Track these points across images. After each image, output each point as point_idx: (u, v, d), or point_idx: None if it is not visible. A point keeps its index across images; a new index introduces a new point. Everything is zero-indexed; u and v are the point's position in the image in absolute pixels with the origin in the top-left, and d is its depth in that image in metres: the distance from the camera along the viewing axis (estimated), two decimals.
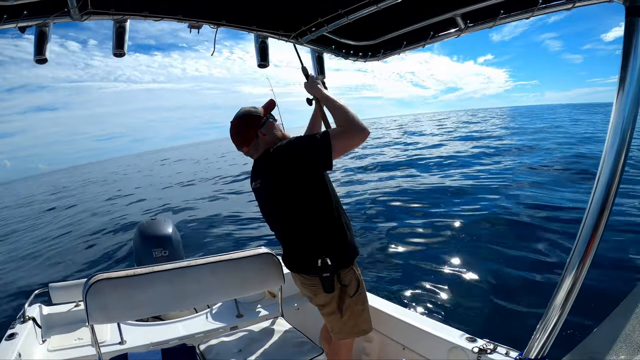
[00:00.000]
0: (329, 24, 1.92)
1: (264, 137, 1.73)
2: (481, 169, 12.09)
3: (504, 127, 33.94)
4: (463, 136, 27.13)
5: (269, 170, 1.68)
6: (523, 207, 7.06)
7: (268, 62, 2.17)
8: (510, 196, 8.02)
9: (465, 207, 7.54)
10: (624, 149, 0.98)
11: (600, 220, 1.01)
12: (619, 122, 0.98)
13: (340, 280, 1.64)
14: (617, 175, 0.99)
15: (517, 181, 9.56)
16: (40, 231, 12.54)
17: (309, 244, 1.66)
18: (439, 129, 40.75)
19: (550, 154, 14.12)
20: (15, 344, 1.78)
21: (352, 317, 1.72)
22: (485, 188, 9.09)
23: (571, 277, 1.07)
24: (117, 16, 1.64)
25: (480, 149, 17.44)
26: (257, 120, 1.74)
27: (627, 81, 0.97)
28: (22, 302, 2.20)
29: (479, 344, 1.68)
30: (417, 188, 10.09)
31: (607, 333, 1.08)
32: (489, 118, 60.23)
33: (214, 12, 1.81)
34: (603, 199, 1.00)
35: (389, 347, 2.12)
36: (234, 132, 1.77)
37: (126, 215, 12.00)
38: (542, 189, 8.52)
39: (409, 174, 12.86)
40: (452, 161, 14.70)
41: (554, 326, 1.12)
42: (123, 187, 23.97)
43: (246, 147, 1.75)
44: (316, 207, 1.63)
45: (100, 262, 6.99)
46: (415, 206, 8.27)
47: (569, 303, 1.09)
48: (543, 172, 10.64)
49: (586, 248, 1.03)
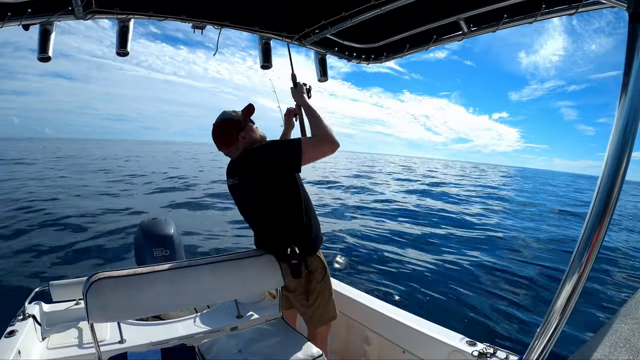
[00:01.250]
0: (333, 26, 1.92)
1: (243, 139, 1.84)
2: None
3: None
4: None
5: (247, 169, 1.81)
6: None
7: (271, 64, 2.17)
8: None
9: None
10: (625, 154, 0.98)
11: (602, 223, 1.01)
12: (621, 127, 0.98)
13: (307, 266, 1.85)
14: (618, 180, 0.99)
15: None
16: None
17: (279, 235, 1.84)
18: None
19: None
20: (15, 342, 1.78)
21: (322, 303, 1.91)
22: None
23: (572, 281, 1.06)
24: (121, 15, 1.65)
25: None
26: (237, 124, 1.85)
27: (629, 87, 0.97)
28: (22, 299, 2.20)
29: (479, 347, 1.68)
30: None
31: (607, 337, 1.07)
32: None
33: (218, 12, 1.82)
34: (605, 202, 1.00)
35: (389, 350, 2.12)
36: (216, 135, 1.87)
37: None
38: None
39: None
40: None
41: (554, 330, 1.11)
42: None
43: (227, 148, 1.87)
44: (286, 203, 1.79)
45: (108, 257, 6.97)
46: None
47: (569, 307, 1.08)
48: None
49: (587, 251, 1.03)
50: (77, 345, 2.00)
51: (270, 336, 1.88)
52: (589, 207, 1.05)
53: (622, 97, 0.99)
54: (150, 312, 1.83)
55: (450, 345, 1.77)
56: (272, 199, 1.79)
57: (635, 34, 0.96)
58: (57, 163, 29.65)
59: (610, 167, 1.00)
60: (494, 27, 1.67)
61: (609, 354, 0.99)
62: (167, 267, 1.69)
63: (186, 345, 1.72)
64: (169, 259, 2.71)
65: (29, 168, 23.80)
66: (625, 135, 0.98)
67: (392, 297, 4.45)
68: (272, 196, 1.78)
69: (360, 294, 2.38)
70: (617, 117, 0.99)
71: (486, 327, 3.78)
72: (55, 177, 18.64)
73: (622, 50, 0.98)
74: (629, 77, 0.97)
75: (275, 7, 1.85)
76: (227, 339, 1.84)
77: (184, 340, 2.06)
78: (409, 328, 1.99)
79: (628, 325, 1.05)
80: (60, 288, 2.26)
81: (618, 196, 1.00)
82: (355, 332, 2.38)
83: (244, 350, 1.74)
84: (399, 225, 8.54)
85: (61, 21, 1.59)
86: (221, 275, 1.83)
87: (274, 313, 2.24)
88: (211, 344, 1.79)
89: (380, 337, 2.19)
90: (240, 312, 2.39)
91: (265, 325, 2.00)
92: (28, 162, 27.96)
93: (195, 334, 2.14)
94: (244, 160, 1.83)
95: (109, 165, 28.13)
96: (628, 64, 0.97)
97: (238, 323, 2.30)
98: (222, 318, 2.33)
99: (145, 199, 13.06)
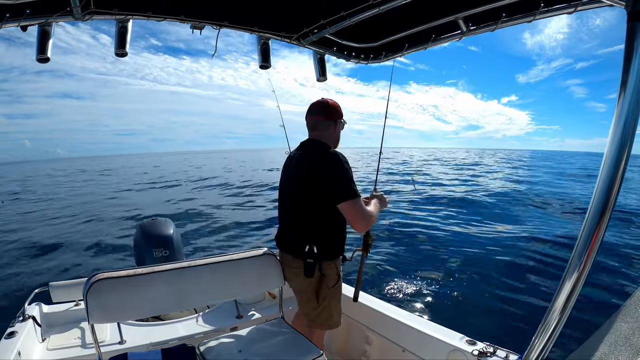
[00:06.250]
0: (331, 25, 1.92)
1: (335, 127, 1.93)
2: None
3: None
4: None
5: (306, 162, 1.84)
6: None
7: (270, 64, 2.17)
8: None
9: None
10: (624, 152, 0.98)
11: (601, 222, 1.01)
12: (620, 125, 0.98)
13: (322, 269, 1.84)
14: (617, 178, 0.99)
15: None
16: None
17: (304, 230, 1.85)
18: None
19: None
20: (15, 343, 1.77)
21: (328, 308, 1.91)
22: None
23: (572, 280, 1.06)
24: (119, 16, 1.64)
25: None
26: (341, 113, 1.95)
27: (628, 84, 0.97)
28: (22, 300, 2.20)
29: (479, 346, 1.68)
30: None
31: (607, 336, 1.07)
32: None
33: (216, 13, 1.81)
34: (604, 201, 1.00)
35: (389, 350, 2.12)
36: (321, 106, 1.91)
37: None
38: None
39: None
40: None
41: (554, 329, 1.11)
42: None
43: (322, 118, 1.90)
44: (324, 208, 1.78)
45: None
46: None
47: (569, 306, 1.08)
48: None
49: (587, 250, 1.03)
50: (77, 346, 2.00)
51: (270, 336, 1.88)
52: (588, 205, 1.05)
53: (621, 95, 0.98)
54: (151, 313, 1.83)
55: (450, 345, 1.77)
56: (311, 198, 1.79)
57: (634, 32, 0.96)
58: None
59: (609, 165, 1.00)
60: (493, 27, 1.67)
61: (609, 352, 0.99)
62: (167, 268, 1.69)
63: (186, 345, 1.72)
64: (168, 260, 2.71)
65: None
66: (625, 132, 0.98)
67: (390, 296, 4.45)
68: (312, 197, 1.79)
69: (361, 293, 2.38)
70: (617, 115, 0.99)
71: (486, 326, 3.78)
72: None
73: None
74: (628, 75, 0.97)
75: (274, 7, 1.84)
76: (228, 339, 1.84)
77: (184, 340, 2.06)
78: (409, 327, 1.99)
79: (628, 324, 1.05)
80: (59, 289, 2.26)
81: (617, 194, 1.00)
82: (356, 331, 2.38)
83: (244, 350, 1.74)
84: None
85: (60, 22, 1.59)
86: (221, 275, 1.82)
87: (274, 313, 2.24)
88: (211, 344, 1.79)
89: (380, 337, 2.19)
90: (241, 312, 2.39)
91: (265, 325, 2.00)
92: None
93: (195, 334, 2.14)
94: (312, 152, 1.84)
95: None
96: (627, 61, 0.97)
97: (238, 323, 2.30)
98: (222, 318, 2.33)
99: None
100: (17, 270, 6.49)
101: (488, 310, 4.10)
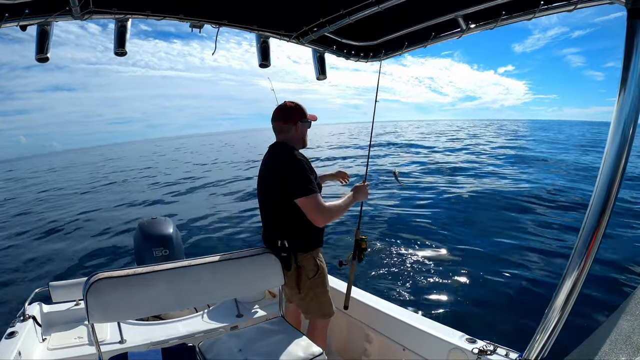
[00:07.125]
0: (331, 24, 1.91)
1: (296, 129, 2.02)
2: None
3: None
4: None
5: (272, 164, 1.97)
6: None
7: (269, 62, 2.17)
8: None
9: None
10: (625, 149, 0.98)
11: (602, 220, 1.01)
12: (620, 122, 0.98)
13: (297, 261, 1.94)
14: (618, 176, 0.99)
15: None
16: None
17: (277, 226, 1.97)
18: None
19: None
20: (15, 343, 1.78)
21: (315, 298, 1.99)
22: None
23: (572, 278, 1.06)
24: (118, 15, 1.64)
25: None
26: (303, 114, 2.04)
27: (628, 81, 0.97)
28: (22, 300, 2.20)
29: (479, 345, 1.68)
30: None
31: (607, 334, 1.07)
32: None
33: (216, 11, 1.81)
34: (604, 199, 1.00)
35: (389, 348, 2.12)
36: (283, 108, 2.03)
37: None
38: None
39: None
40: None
41: (554, 327, 1.11)
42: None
43: (282, 123, 2.01)
44: (293, 205, 1.86)
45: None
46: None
47: (569, 304, 1.08)
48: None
49: (587, 249, 1.03)
50: (78, 345, 2.00)
51: (270, 335, 1.88)
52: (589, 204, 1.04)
53: (621, 92, 0.98)
54: (151, 312, 1.83)
55: (450, 343, 1.77)
56: (279, 197, 1.88)
57: (634, 29, 0.96)
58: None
59: (609, 163, 1.00)
60: (492, 24, 1.67)
61: (610, 350, 0.99)
62: (167, 267, 1.69)
63: (187, 344, 1.73)
64: (168, 259, 2.71)
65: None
66: (625, 130, 0.98)
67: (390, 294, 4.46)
68: (279, 196, 1.88)
69: (361, 292, 2.38)
70: (616, 112, 0.99)
71: (486, 325, 3.78)
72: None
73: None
74: (628, 72, 0.97)
75: (273, 5, 1.84)
76: (228, 338, 1.84)
77: (184, 339, 2.06)
78: (409, 326, 1.99)
79: (628, 323, 1.05)
80: (59, 289, 2.26)
81: (618, 192, 1.00)
82: (356, 330, 2.38)
83: (245, 349, 1.74)
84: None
85: (59, 21, 1.58)
86: (221, 274, 1.83)
87: (275, 312, 2.24)
88: (212, 343, 1.79)
89: (380, 335, 2.19)
90: (241, 311, 2.40)
91: (265, 324, 2.00)
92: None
93: (195, 334, 2.14)
94: (278, 154, 1.96)
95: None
96: (627, 58, 0.97)
97: (238, 322, 2.30)
98: (222, 317, 2.33)
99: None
100: (17, 270, 6.51)
101: (488, 308, 4.10)
